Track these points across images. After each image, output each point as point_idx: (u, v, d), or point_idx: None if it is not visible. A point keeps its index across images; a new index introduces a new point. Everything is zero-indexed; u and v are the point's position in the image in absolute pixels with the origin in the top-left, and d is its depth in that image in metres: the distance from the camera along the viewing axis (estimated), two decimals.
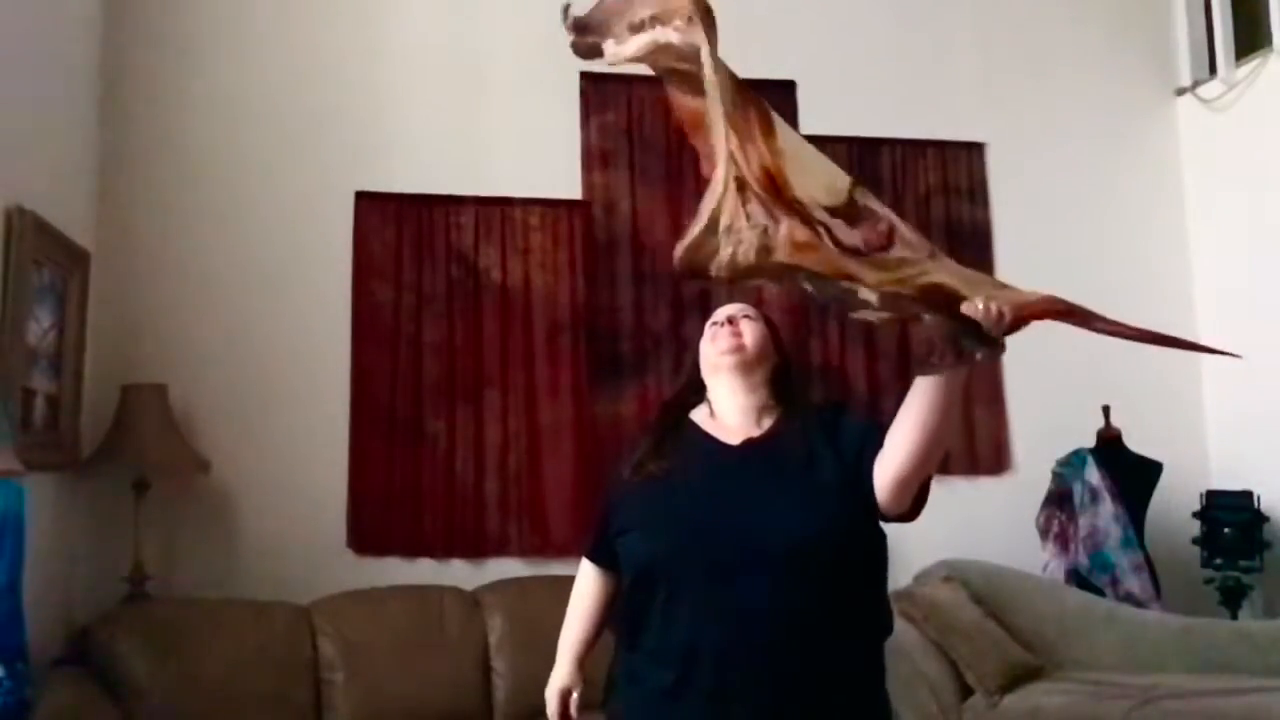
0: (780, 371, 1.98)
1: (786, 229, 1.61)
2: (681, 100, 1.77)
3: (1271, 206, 4.53)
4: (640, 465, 1.91)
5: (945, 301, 1.58)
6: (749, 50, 4.53)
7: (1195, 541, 4.43)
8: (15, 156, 3.16)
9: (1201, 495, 4.46)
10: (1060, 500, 4.34)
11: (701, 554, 1.76)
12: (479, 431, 4.18)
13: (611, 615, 2.01)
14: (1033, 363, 4.13)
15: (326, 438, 4.06)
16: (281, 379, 4.06)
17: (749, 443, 1.88)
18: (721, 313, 2.01)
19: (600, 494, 2.14)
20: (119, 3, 4.08)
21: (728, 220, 1.64)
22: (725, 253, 1.62)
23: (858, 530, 1.79)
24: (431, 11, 4.42)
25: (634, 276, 4.42)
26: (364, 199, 4.23)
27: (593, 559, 2.04)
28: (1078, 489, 4.31)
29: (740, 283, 1.68)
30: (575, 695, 2.03)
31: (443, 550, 4.11)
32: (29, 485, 2.62)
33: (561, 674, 2.05)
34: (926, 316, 1.62)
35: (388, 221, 4.23)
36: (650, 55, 1.74)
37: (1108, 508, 4.25)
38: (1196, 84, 4.95)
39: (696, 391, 2.01)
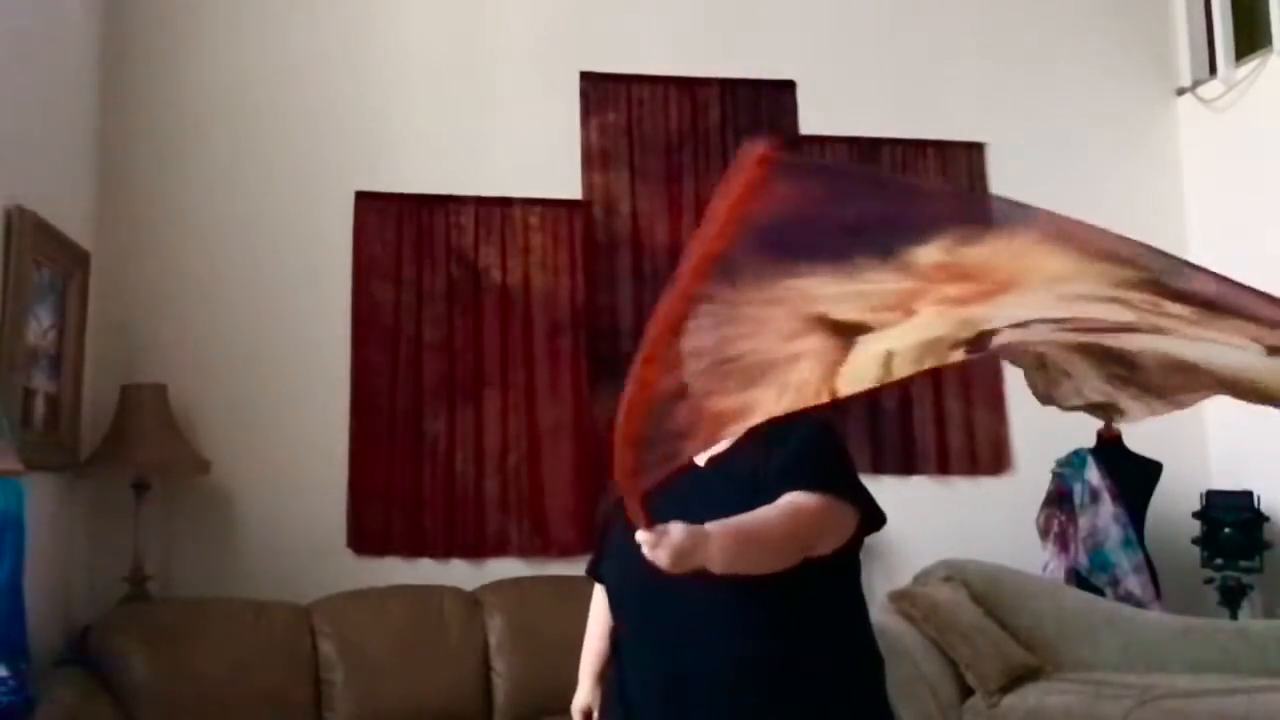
0: None
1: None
2: None
3: (1271, 206, 4.53)
4: (618, 500, 1.89)
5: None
6: (749, 50, 4.60)
7: (1195, 541, 4.42)
8: (15, 156, 3.16)
9: (1201, 495, 4.45)
10: (1060, 500, 4.34)
11: (644, 586, 1.70)
12: (479, 431, 4.18)
13: None
14: None
15: (326, 438, 4.06)
16: (281, 379, 4.06)
17: (711, 462, 1.77)
18: None
19: (600, 495, 2.14)
20: (119, 3, 4.09)
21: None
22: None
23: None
24: (432, 11, 4.42)
25: (634, 276, 4.42)
26: (364, 199, 4.22)
27: (593, 576, 2.05)
28: (1078, 489, 4.31)
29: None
30: (596, 713, 2.03)
31: (443, 550, 4.11)
32: (29, 485, 2.63)
33: (582, 692, 2.05)
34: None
35: (388, 221, 4.23)
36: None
37: (1108, 508, 4.25)
38: (1196, 84, 4.94)
39: None
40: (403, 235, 4.23)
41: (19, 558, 2.49)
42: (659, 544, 1.45)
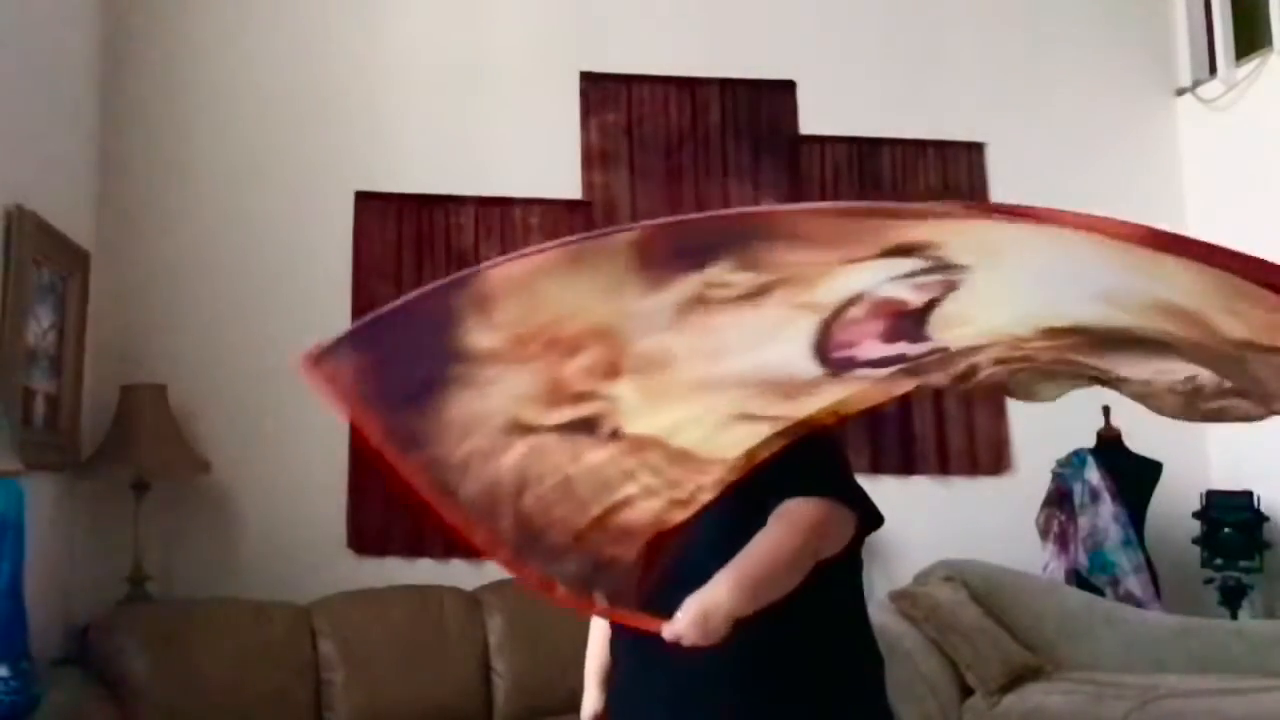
0: None
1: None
2: None
3: (1271, 206, 4.52)
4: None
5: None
6: (749, 50, 4.59)
7: (1195, 541, 4.42)
8: (15, 156, 3.16)
9: (1201, 495, 4.45)
10: (1060, 500, 4.34)
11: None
12: None
13: None
14: None
15: (326, 438, 4.05)
16: (282, 379, 4.03)
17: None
18: None
19: None
20: (119, 3, 4.09)
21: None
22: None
23: None
24: (432, 11, 4.42)
25: None
26: (364, 199, 4.22)
27: None
28: (1078, 489, 4.31)
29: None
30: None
31: (443, 550, 4.09)
32: (29, 485, 2.63)
33: (590, 699, 2.04)
34: None
35: (388, 221, 4.23)
36: None
37: (1108, 508, 4.25)
38: (1196, 84, 4.94)
39: None
40: (403, 235, 4.23)
41: (19, 558, 2.49)
42: (676, 633, 1.47)
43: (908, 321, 1.37)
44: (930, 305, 1.35)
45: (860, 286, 1.34)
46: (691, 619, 1.47)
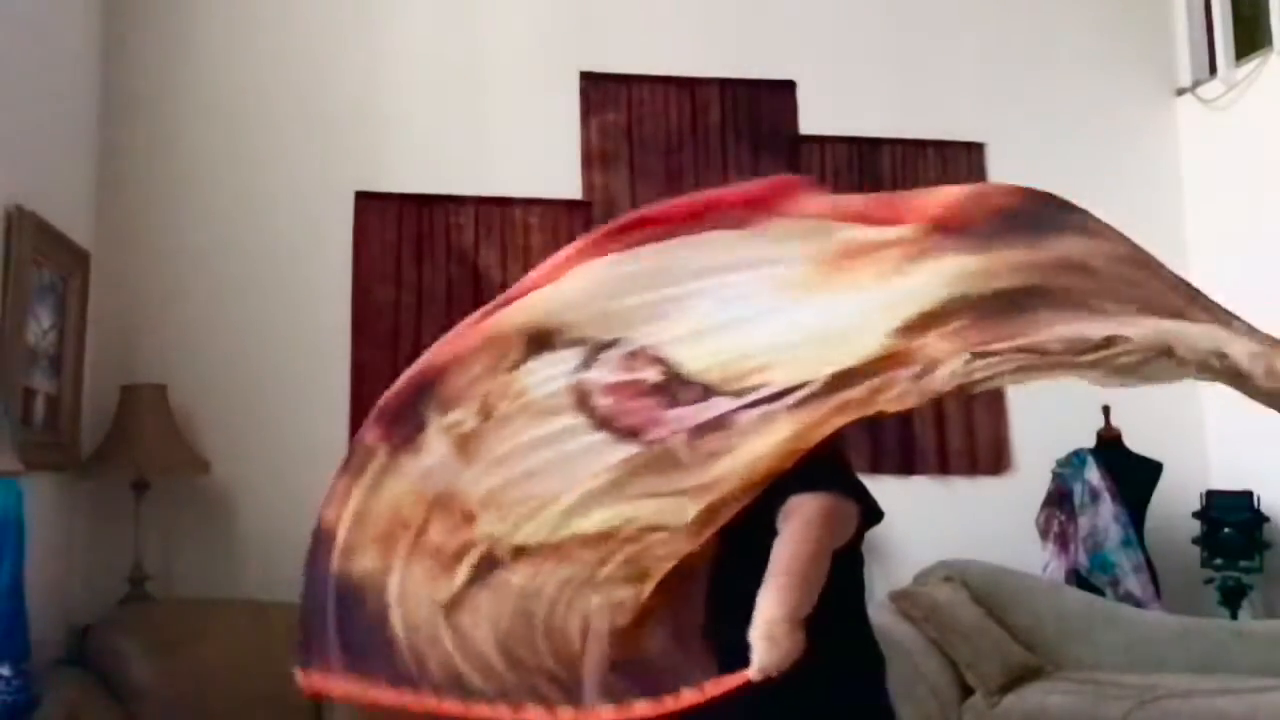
0: None
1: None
2: None
3: (1271, 206, 4.52)
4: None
5: None
6: (749, 50, 4.59)
7: (1195, 541, 4.42)
8: (15, 156, 3.16)
9: (1201, 495, 4.45)
10: (1060, 500, 4.34)
11: None
12: None
13: None
14: None
15: (326, 438, 4.04)
16: (281, 379, 4.06)
17: None
18: None
19: None
20: (119, 3, 4.09)
21: None
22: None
23: None
24: (432, 11, 4.42)
25: None
26: (364, 199, 4.22)
27: None
28: (1078, 489, 4.31)
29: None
30: None
31: None
32: (29, 485, 2.63)
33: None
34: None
35: (388, 221, 4.23)
36: None
37: (1108, 508, 4.25)
38: (1196, 84, 4.94)
39: None
40: (403, 235, 4.23)
41: (19, 558, 2.50)
42: (763, 668, 1.53)
43: (678, 389, 1.48)
44: (670, 375, 1.46)
45: (556, 385, 1.51)
46: (763, 648, 1.52)
